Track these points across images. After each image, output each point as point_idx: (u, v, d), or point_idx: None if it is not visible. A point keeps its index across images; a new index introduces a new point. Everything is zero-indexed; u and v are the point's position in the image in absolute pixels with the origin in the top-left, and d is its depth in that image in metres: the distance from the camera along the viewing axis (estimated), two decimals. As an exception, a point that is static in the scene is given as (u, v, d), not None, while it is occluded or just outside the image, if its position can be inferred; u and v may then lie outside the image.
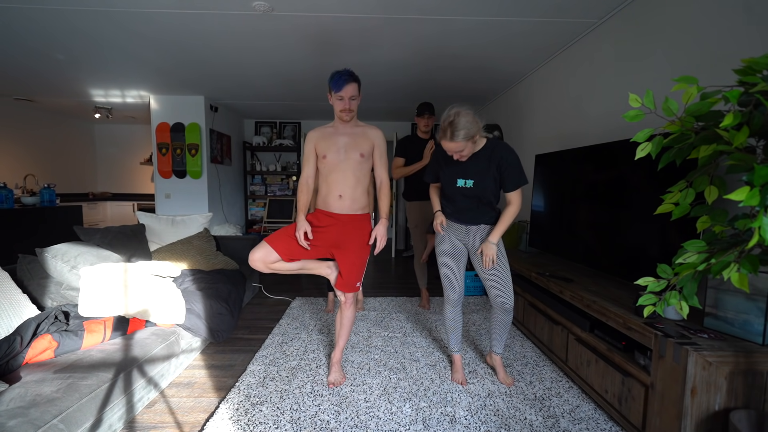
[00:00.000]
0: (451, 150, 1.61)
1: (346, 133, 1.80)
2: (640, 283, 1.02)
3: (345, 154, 1.78)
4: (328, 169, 1.79)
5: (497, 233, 1.72)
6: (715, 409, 1.19)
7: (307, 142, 1.84)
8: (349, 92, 1.72)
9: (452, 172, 1.75)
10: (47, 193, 4.06)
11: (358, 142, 1.79)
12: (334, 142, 1.78)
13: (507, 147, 1.70)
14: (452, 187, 1.76)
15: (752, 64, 0.81)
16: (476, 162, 1.70)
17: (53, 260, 1.88)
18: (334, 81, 1.71)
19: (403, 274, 4.30)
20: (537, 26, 2.36)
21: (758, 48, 1.37)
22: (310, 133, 1.85)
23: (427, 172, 1.91)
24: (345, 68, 1.75)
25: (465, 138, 1.55)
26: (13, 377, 1.36)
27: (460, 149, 1.59)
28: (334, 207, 1.80)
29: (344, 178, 1.79)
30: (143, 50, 2.83)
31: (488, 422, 1.58)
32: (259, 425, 1.54)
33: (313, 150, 1.82)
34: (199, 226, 3.02)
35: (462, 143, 1.56)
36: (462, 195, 1.75)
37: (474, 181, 1.71)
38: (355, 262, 1.81)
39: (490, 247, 1.72)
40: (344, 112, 1.75)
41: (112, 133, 6.12)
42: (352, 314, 1.92)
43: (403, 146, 2.87)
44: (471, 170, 1.71)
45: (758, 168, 0.73)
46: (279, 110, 5.04)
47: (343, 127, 1.81)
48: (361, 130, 1.82)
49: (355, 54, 2.85)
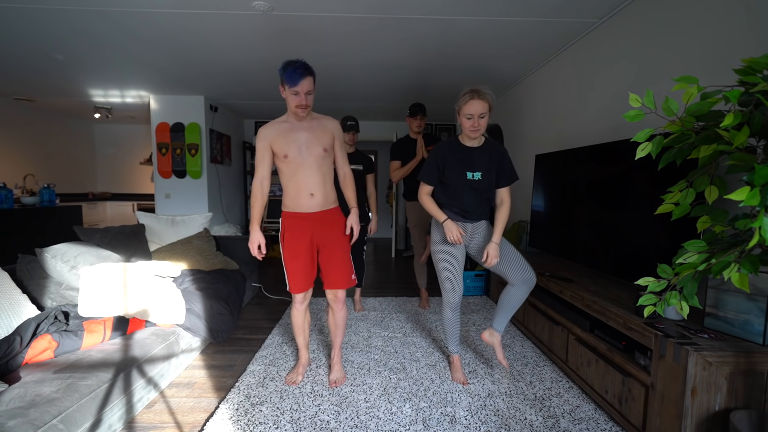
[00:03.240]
0: (475, 111, 1.63)
1: (305, 128, 1.69)
2: (641, 283, 1.02)
3: (307, 151, 1.68)
4: (293, 168, 1.69)
5: (499, 233, 1.77)
6: (715, 409, 1.19)
7: (259, 139, 1.68)
8: (305, 87, 1.58)
9: (460, 166, 1.76)
10: (47, 193, 4.06)
11: (319, 137, 1.70)
12: (294, 139, 1.67)
13: (502, 145, 1.84)
14: (461, 180, 1.76)
15: (752, 64, 0.81)
16: (480, 156, 1.77)
17: (53, 260, 1.88)
18: (287, 74, 1.56)
19: (403, 274, 4.30)
20: (537, 26, 2.36)
21: (758, 48, 1.37)
22: (261, 129, 1.69)
23: (425, 173, 1.82)
24: (299, 59, 1.60)
25: (491, 101, 1.65)
26: (13, 377, 1.36)
27: (485, 111, 1.65)
28: (306, 206, 1.73)
29: (312, 176, 1.70)
30: (143, 50, 2.83)
31: (488, 422, 1.58)
32: (259, 425, 1.54)
33: (268, 148, 1.68)
34: (198, 226, 3.02)
35: (487, 104, 1.64)
36: (470, 188, 1.76)
37: (481, 174, 1.76)
38: (343, 255, 1.81)
39: (496, 248, 1.75)
40: (300, 108, 1.61)
41: (112, 133, 6.12)
42: (345, 314, 1.92)
43: (397, 149, 2.87)
44: (476, 163, 1.76)
45: (758, 168, 0.73)
46: (279, 110, 5.01)
47: (301, 122, 1.70)
48: (318, 123, 1.72)
49: (355, 54, 2.85)
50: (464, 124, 1.69)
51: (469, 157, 1.76)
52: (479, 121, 1.66)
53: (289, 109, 1.67)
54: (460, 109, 1.69)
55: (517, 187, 3.52)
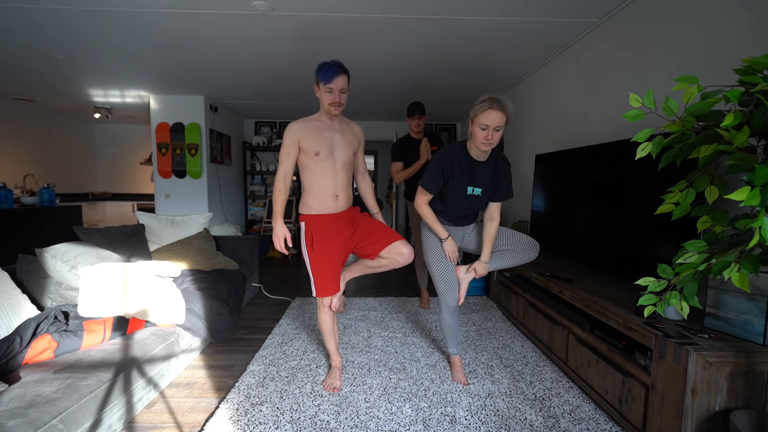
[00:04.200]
0: (492, 122, 1.51)
1: (337, 130, 1.70)
2: (641, 283, 1.02)
3: (338, 152, 1.69)
4: (322, 167, 1.69)
5: (488, 251, 1.81)
6: (715, 409, 1.19)
7: (288, 134, 1.67)
8: (340, 84, 1.60)
9: (462, 180, 1.72)
10: (47, 193, 4.06)
11: (350, 141, 1.73)
12: (326, 138, 1.68)
13: (507, 159, 1.77)
14: (462, 194, 1.74)
15: (753, 63, 0.81)
16: (483, 171, 1.72)
17: (53, 260, 1.88)
18: (323, 72, 1.59)
19: (404, 274, 4.30)
20: (537, 26, 2.36)
21: (758, 48, 1.37)
22: (292, 124, 1.68)
23: (429, 181, 1.73)
24: (334, 59, 1.64)
25: (510, 114, 1.53)
26: (13, 377, 1.36)
27: (502, 124, 1.53)
28: (333, 207, 1.74)
29: (340, 177, 1.72)
30: (143, 50, 2.83)
31: (488, 422, 1.57)
32: (259, 425, 1.54)
33: (296, 144, 1.67)
34: (198, 226, 3.02)
35: (506, 117, 1.53)
36: (468, 202, 1.76)
37: (482, 190, 1.74)
38: (378, 222, 1.84)
39: (484, 267, 1.80)
40: (333, 105, 1.63)
41: (112, 133, 6.12)
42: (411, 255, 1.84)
43: (399, 150, 2.86)
44: (479, 179, 1.73)
45: (759, 168, 0.73)
46: (279, 110, 5.04)
47: (332, 123, 1.70)
48: (348, 127, 1.75)
49: (356, 54, 2.85)
50: (476, 134, 1.57)
51: (474, 172, 1.71)
52: (494, 134, 1.54)
53: (322, 107, 1.68)
54: (476, 117, 1.56)
55: (517, 187, 3.52)
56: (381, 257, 1.75)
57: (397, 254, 1.72)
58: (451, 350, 1.95)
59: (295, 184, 5.43)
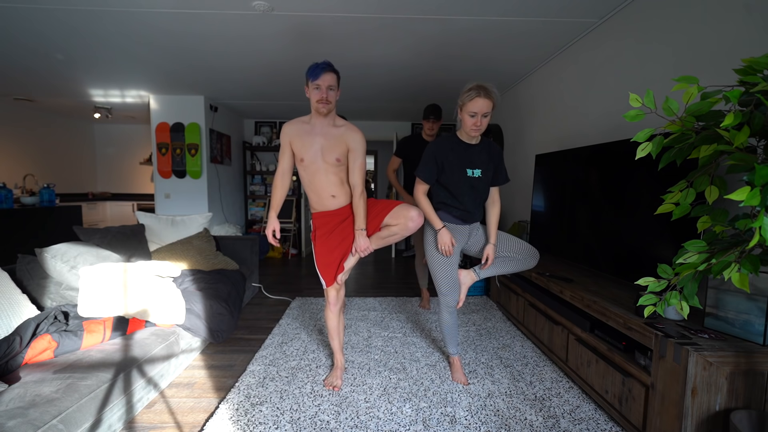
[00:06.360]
0: (479, 109, 1.60)
1: (323, 134, 1.69)
2: (641, 283, 1.02)
3: (321, 158, 1.69)
4: (310, 173, 1.73)
5: (494, 233, 1.83)
6: (715, 409, 1.19)
7: (282, 134, 1.75)
8: (327, 81, 1.61)
9: (459, 162, 1.74)
10: (47, 193, 4.06)
11: (333, 146, 1.68)
12: (310, 144, 1.69)
13: (496, 144, 1.86)
14: (461, 177, 1.74)
15: (753, 63, 0.81)
16: (478, 153, 1.77)
17: (53, 260, 1.88)
18: (311, 70, 1.62)
19: (404, 274, 4.30)
20: (537, 26, 2.36)
21: (758, 48, 1.37)
22: (285, 126, 1.75)
23: (423, 169, 1.77)
24: (325, 59, 1.67)
25: (496, 100, 1.62)
26: (13, 377, 1.36)
27: (489, 110, 1.62)
28: (332, 205, 1.77)
29: (330, 180, 1.73)
30: (143, 50, 2.83)
31: (488, 422, 1.57)
32: (259, 425, 1.54)
33: (288, 145, 1.74)
34: (198, 226, 3.02)
35: (492, 103, 1.62)
36: (470, 186, 1.76)
37: (481, 171, 1.76)
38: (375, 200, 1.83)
39: (493, 249, 1.81)
40: (321, 102, 1.62)
41: (112, 133, 6.12)
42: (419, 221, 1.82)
43: (403, 147, 2.85)
44: (476, 160, 1.76)
45: (759, 168, 0.73)
46: (279, 110, 5.04)
47: (321, 125, 1.69)
48: (338, 132, 1.69)
49: (355, 54, 2.85)
50: (466, 121, 1.66)
51: (469, 154, 1.75)
52: (482, 120, 1.63)
53: (312, 106, 1.68)
54: (464, 105, 1.65)
55: (517, 187, 3.53)
56: (389, 225, 1.71)
57: (404, 218, 1.66)
58: (451, 350, 1.95)
59: (295, 184, 5.43)
